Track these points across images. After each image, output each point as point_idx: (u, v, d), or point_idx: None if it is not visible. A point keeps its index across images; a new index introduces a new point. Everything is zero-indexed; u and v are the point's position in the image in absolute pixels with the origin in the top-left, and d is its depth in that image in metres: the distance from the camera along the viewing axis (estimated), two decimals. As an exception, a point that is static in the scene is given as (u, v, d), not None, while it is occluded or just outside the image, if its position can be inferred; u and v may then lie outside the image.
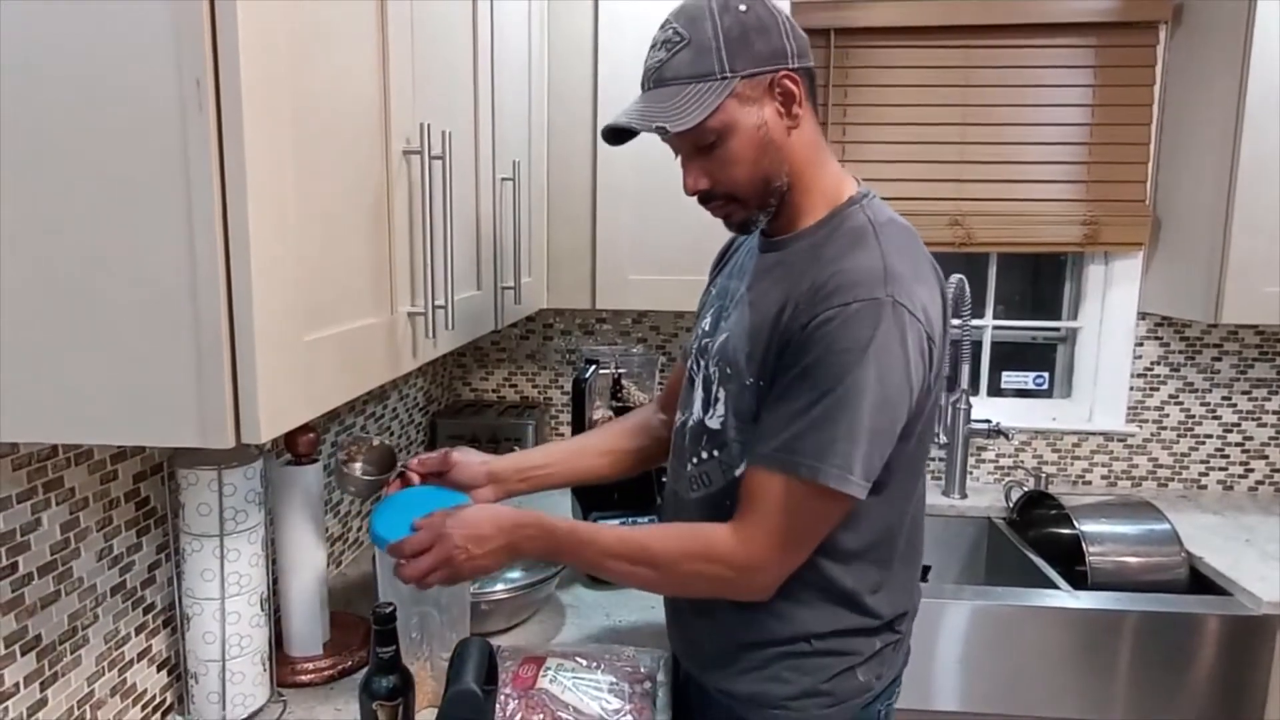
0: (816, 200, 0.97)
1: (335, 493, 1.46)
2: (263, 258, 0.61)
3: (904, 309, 0.85)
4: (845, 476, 0.86)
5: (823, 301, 0.87)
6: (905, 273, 0.88)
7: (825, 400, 0.85)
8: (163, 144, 0.58)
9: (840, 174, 0.99)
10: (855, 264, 0.89)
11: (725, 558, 0.91)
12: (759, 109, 0.91)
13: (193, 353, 0.60)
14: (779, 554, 0.90)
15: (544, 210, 1.72)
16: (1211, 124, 1.76)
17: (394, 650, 0.88)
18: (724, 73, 0.89)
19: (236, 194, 0.59)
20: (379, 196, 0.83)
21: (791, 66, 0.92)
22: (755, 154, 0.93)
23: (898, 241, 0.92)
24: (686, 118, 0.89)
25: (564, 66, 1.70)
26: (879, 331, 0.84)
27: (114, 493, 0.92)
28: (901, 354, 0.86)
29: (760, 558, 0.90)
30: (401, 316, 0.89)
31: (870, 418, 0.85)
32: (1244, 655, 1.51)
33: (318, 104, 0.70)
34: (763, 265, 1.00)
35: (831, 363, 0.85)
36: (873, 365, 0.84)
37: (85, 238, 0.59)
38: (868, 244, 0.91)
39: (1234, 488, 2.09)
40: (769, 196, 0.96)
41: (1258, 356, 2.03)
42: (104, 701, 0.91)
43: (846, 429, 0.85)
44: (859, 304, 0.85)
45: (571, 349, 2.14)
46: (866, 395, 0.85)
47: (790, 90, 0.92)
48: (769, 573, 0.92)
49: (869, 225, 0.93)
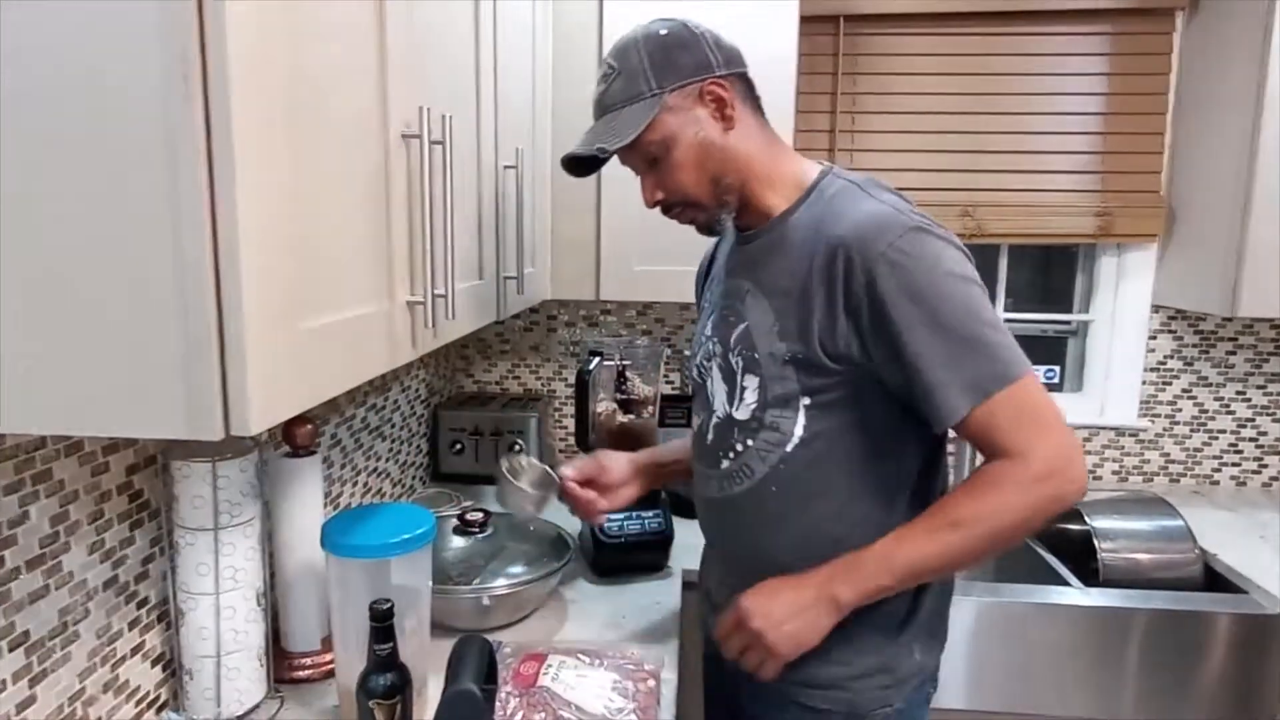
0: (782, 187, 1.02)
1: (335, 485, 1.44)
2: (253, 242, 0.58)
3: (936, 230, 0.91)
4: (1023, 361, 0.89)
5: (865, 252, 0.89)
6: (909, 208, 0.94)
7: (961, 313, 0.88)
8: (146, 124, 0.55)
9: (802, 161, 1.05)
10: (864, 211, 0.93)
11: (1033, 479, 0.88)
12: (692, 116, 0.98)
13: (180, 341, 0.58)
14: (1066, 434, 0.89)
15: (548, 199, 1.69)
16: (1229, 112, 1.73)
17: (391, 647, 0.86)
18: (652, 90, 0.96)
19: (224, 176, 0.56)
20: (376, 182, 0.81)
21: (719, 75, 0.98)
22: (698, 157, 0.99)
23: (882, 190, 0.97)
24: (623, 136, 0.96)
25: (568, 53, 1.67)
26: (940, 246, 0.90)
27: (105, 485, 0.90)
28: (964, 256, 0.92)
29: (1058, 447, 0.88)
30: (400, 305, 0.86)
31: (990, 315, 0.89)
32: (1258, 655, 1.48)
33: (311, 84, 0.67)
34: (752, 254, 1.03)
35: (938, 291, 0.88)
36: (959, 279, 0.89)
37: (68, 224, 0.57)
38: (860, 196, 0.96)
39: (1247, 484, 2.06)
40: (723, 194, 1.01)
41: (1273, 350, 2.00)
42: (96, 698, 0.89)
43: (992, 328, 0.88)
44: (901, 237, 0.89)
45: (576, 340, 2.12)
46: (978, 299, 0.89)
47: (720, 95, 0.97)
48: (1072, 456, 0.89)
49: (851, 184, 0.98)
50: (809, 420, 0.97)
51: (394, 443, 1.72)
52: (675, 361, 2.09)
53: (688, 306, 2.08)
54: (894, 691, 1.00)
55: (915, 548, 0.91)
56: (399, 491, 1.77)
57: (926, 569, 0.93)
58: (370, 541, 0.95)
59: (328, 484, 1.41)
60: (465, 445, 1.93)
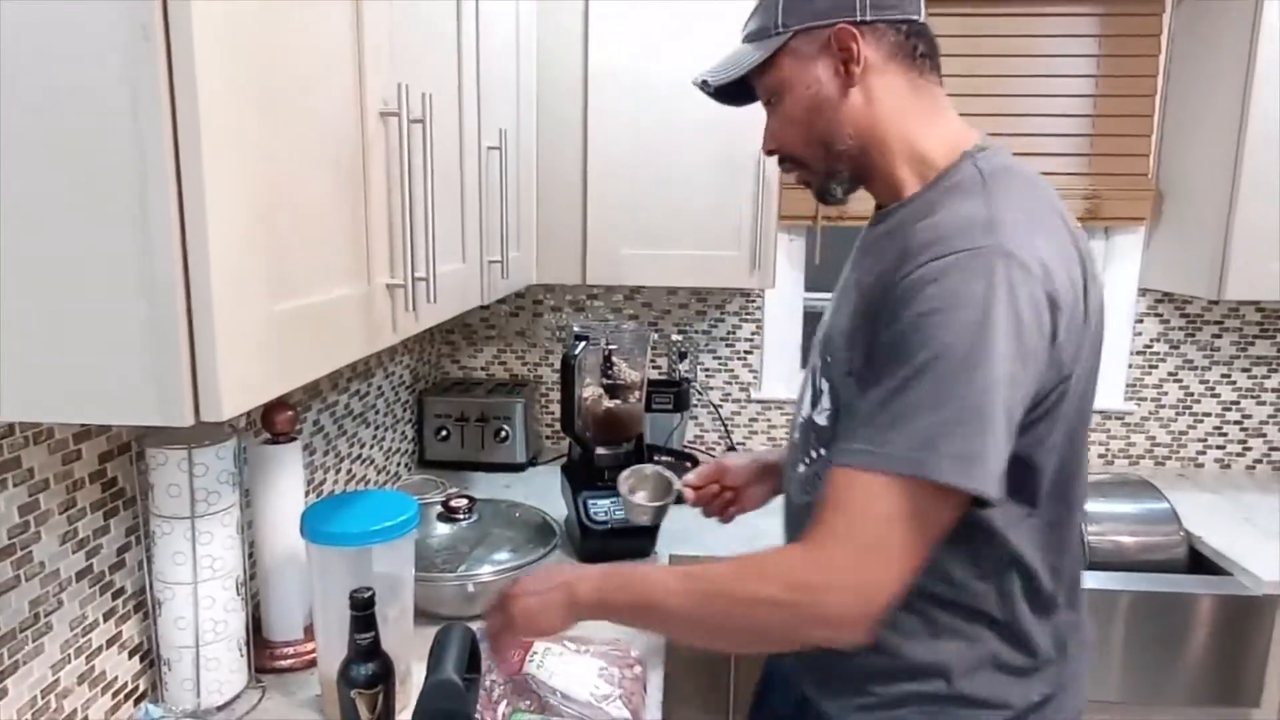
0: (914, 164, 0.86)
1: (317, 472, 1.42)
2: (221, 223, 0.56)
3: (1014, 259, 0.71)
4: (964, 469, 0.69)
5: (912, 258, 0.74)
6: (1016, 219, 0.74)
7: (925, 375, 0.70)
8: (108, 98, 0.53)
9: (954, 132, 0.87)
10: (952, 214, 0.77)
11: (790, 575, 0.75)
12: (813, 66, 0.86)
13: (146, 325, 0.55)
14: (871, 571, 0.72)
15: (533, 182, 1.67)
16: (1218, 95, 1.72)
17: (373, 636, 0.85)
18: (777, 28, 0.86)
19: (190, 151, 0.54)
20: (353, 161, 0.78)
21: (859, 19, 0.83)
22: (806, 115, 0.87)
23: (1011, 187, 0.79)
24: (729, 71, 0.89)
25: (553, 31, 1.64)
26: (983, 286, 0.70)
27: (78, 473, 0.87)
28: (1013, 315, 0.70)
29: (837, 576, 0.73)
30: (379, 288, 0.84)
31: (982, 395, 0.69)
32: (1242, 636, 1.49)
33: (284, 58, 0.65)
34: (869, 240, 0.91)
35: (926, 327, 0.70)
36: (977, 330, 0.69)
37: (26, 205, 0.54)
38: (971, 194, 0.79)
39: (1231, 466, 2.07)
40: (835, 161, 0.88)
41: (1259, 334, 2.00)
42: (70, 690, 0.87)
43: (956, 408, 0.69)
44: (955, 255, 0.72)
45: (562, 325, 2.10)
46: (978, 366, 0.69)
47: (849, 45, 0.83)
48: (857, 595, 0.72)
49: (977, 175, 0.81)
50: None
51: (378, 429, 1.70)
52: (662, 346, 2.07)
53: (676, 291, 2.07)
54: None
55: (660, 586, 0.81)
56: (384, 478, 1.75)
57: (662, 613, 0.82)
58: (351, 529, 0.94)
59: (310, 471, 1.39)
60: (451, 431, 1.92)
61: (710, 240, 1.69)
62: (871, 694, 0.86)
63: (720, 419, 2.11)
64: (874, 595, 0.72)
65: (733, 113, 1.56)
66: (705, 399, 2.10)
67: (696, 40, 1.60)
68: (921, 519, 0.71)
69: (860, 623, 0.73)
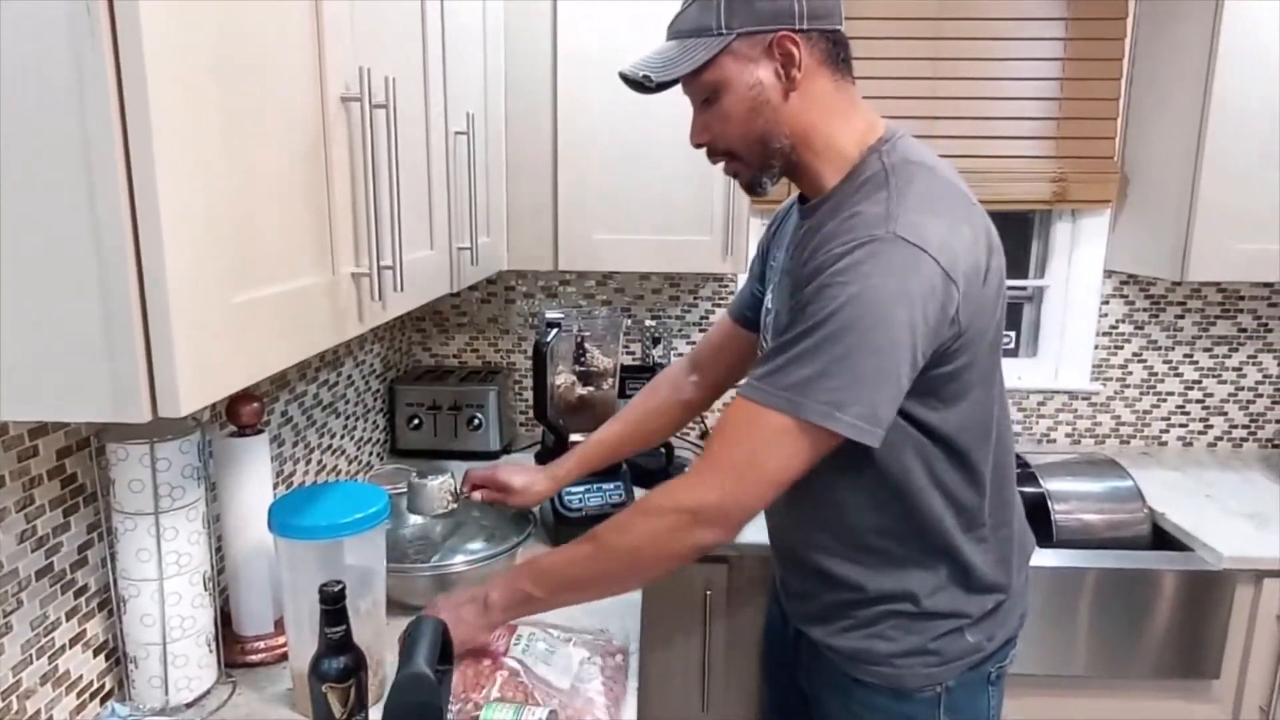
0: (834, 160, 0.95)
1: (287, 464, 1.40)
2: (175, 212, 0.55)
3: (906, 243, 0.82)
4: (831, 414, 0.82)
5: (824, 248, 0.86)
6: (912, 210, 0.85)
7: (814, 334, 0.82)
8: (50, 80, 0.51)
9: (866, 126, 0.95)
10: (861, 210, 0.87)
11: (669, 501, 0.89)
12: (755, 69, 0.91)
13: (99, 318, 0.54)
14: (740, 486, 0.86)
15: (502, 167, 1.65)
16: (1181, 81, 1.74)
17: (344, 630, 0.84)
18: (719, 29, 0.90)
19: (140, 137, 0.52)
20: (315, 147, 0.76)
21: (798, 28, 0.90)
22: (747, 113, 0.93)
23: (913, 181, 0.89)
24: (672, 70, 0.92)
25: (522, 13, 1.62)
26: (873, 267, 0.81)
27: (34, 470, 0.85)
28: (903, 292, 0.81)
29: (705, 490, 0.87)
30: (345, 277, 0.82)
31: (865, 357, 0.81)
32: (1203, 610, 1.53)
33: (239, 40, 0.63)
34: (799, 233, 0.99)
35: (822, 297, 0.82)
36: (869, 304, 0.81)
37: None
38: (876, 190, 0.88)
39: (1193, 444, 2.12)
40: (769, 158, 0.95)
41: (1220, 314, 2.04)
42: (33, 691, 0.86)
43: (837, 365, 0.81)
44: (856, 243, 0.83)
45: (534, 312, 2.08)
46: (859, 333, 0.81)
47: (790, 52, 0.90)
48: (724, 501, 0.87)
49: (881, 170, 0.90)
50: None
51: (349, 419, 1.68)
52: (635, 332, 2.07)
53: (648, 276, 2.06)
54: (943, 670, 0.98)
55: (556, 559, 0.96)
56: (355, 469, 1.73)
57: (567, 581, 0.96)
58: (320, 522, 0.92)
59: (279, 463, 1.37)
60: (423, 420, 1.90)
61: (682, 225, 1.69)
62: (851, 617, 1.00)
63: (694, 404, 2.11)
64: (734, 511, 0.87)
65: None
66: (679, 384, 2.10)
67: (667, 21, 1.59)
68: (788, 449, 0.84)
69: (721, 528, 0.87)
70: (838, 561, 1.00)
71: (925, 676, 0.98)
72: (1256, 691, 1.56)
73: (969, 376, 0.91)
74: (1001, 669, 1.04)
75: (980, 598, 0.99)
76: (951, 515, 0.96)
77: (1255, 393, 2.08)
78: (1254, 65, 1.62)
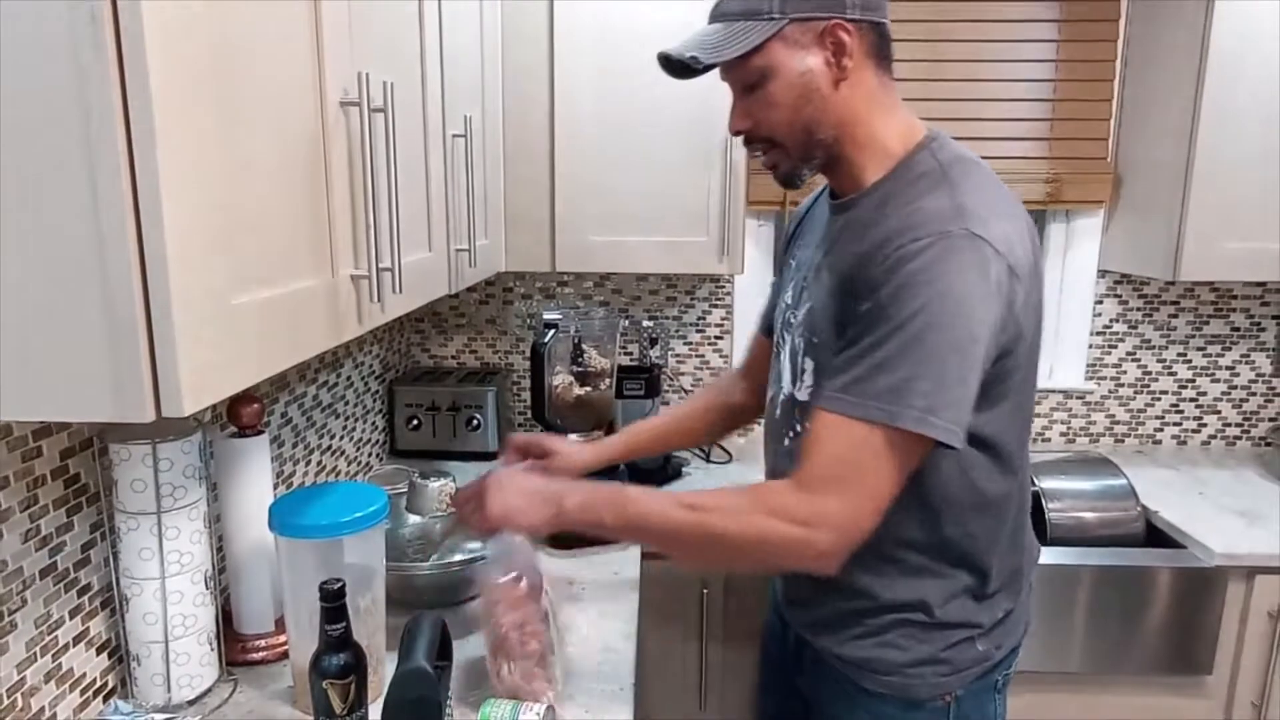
0: (877, 155, 0.93)
1: (287, 465, 1.41)
2: (178, 216, 0.56)
3: (980, 240, 0.81)
4: (926, 419, 0.80)
5: (892, 244, 0.83)
6: (978, 206, 0.84)
7: (897, 336, 0.80)
8: (56, 89, 0.52)
9: (907, 125, 0.95)
10: (924, 204, 0.85)
11: (787, 510, 0.84)
12: (805, 56, 0.89)
13: (103, 320, 0.55)
14: (848, 507, 0.83)
15: (500, 169, 1.66)
16: (1173, 81, 1.75)
17: (344, 627, 0.85)
18: (772, 13, 0.88)
19: (144, 143, 0.53)
20: (314, 152, 0.78)
21: (849, 17, 0.89)
22: (796, 101, 0.91)
23: (970, 177, 0.88)
24: (723, 52, 0.89)
25: (518, 15, 1.63)
26: (950, 266, 0.80)
27: (38, 470, 0.86)
28: (981, 289, 0.81)
29: (826, 510, 0.83)
30: (344, 279, 0.84)
31: (950, 356, 0.80)
32: (1196, 606, 1.54)
33: (239, 47, 0.64)
34: (834, 228, 0.97)
35: (903, 298, 0.80)
36: (949, 301, 0.80)
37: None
38: (938, 185, 0.87)
39: (1188, 442, 2.13)
40: (812, 148, 0.94)
41: (1213, 313, 2.06)
42: (38, 688, 0.87)
43: (924, 368, 0.80)
44: (929, 238, 0.81)
45: (532, 313, 2.09)
46: (943, 331, 0.80)
47: (842, 41, 0.89)
48: (838, 528, 0.83)
49: (938, 166, 0.89)
50: None
51: (348, 420, 1.69)
52: (631, 333, 2.08)
53: (646, 277, 2.07)
54: (954, 679, 0.97)
55: (647, 507, 0.91)
56: (355, 469, 1.74)
57: (647, 531, 0.92)
58: (320, 521, 0.94)
59: (279, 463, 1.38)
60: (422, 421, 1.91)
61: (679, 226, 1.70)
62: (861, 626, 0.99)
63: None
64: (853, 530, 0.84)
65: (700, 99, 1.57)
66: (677, 384, 2.12)
67: (663, 24, 1.60)
68: (892, 462, 0.82)
69: (840, 554, 0.85)
70: (851, 570, 0.94)
71: (936, 686, 0.97)
72: (1249, 687, 1.57)
73: (1016, 377, 0.89)
74: (1007, 676, 1.03)
75: (992, 608, 0.98)
76: (980, 523, 0.94)
77: (1248, 391, 2.09)
78: (1244, 66, 1.63)
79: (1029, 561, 1.04)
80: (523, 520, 0.96)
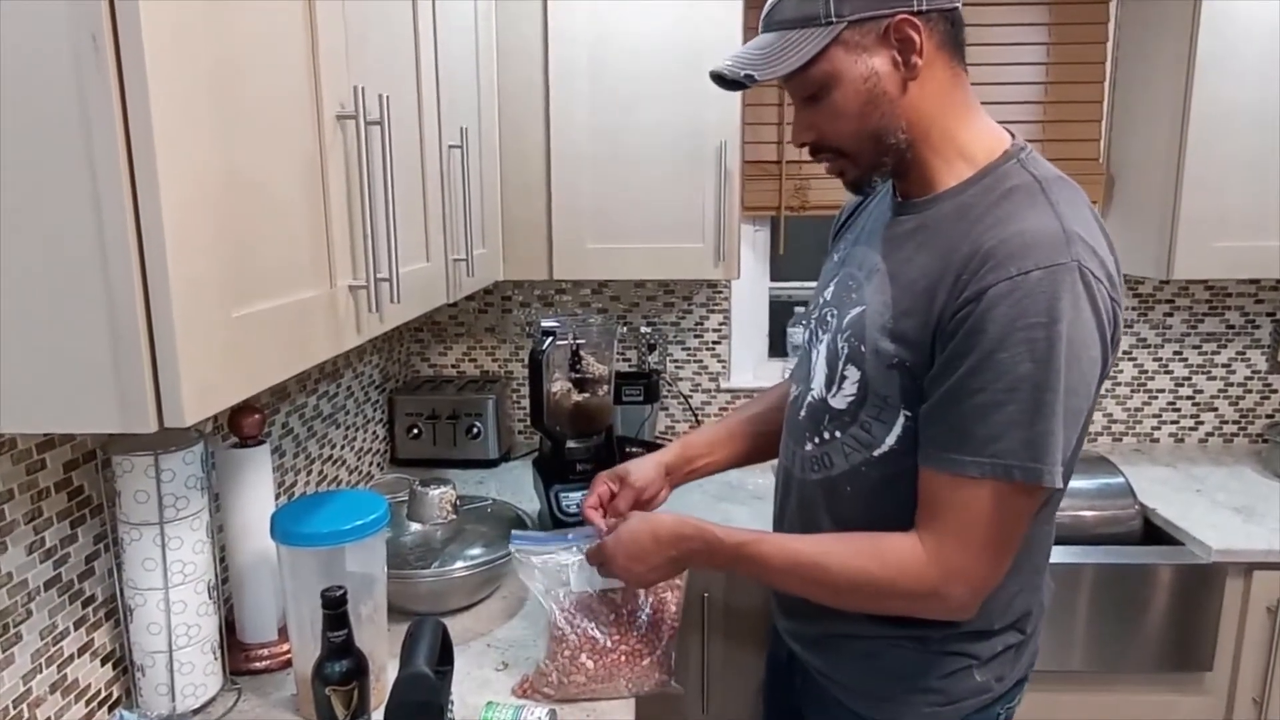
0: (954, 158, 0.87)
1: (288, 474, 1.42)
2: (178, 229, 0.57)
3: (1090, 274, 0.77)
4: (1054, 471, 0.77)
5: (995, 270, 0.77)
6: (1084, 234, 0.79)
7: (1023, 389, 0.76)
8: (57, 105, 0.53)
9: (990, 128, 0.89)
10: (1028, 225, 0.79)
11: (918, 576, 0.82)
12: (869, 58, 0.83)
13: (106, 333, 0.56)
14: (986, 566, 0.82)
15: (496, 178, 1.67)
16: (1163, 81, 1.77)
17: (346, 634, 0.86)
18: (828, 17, 0.82)
19: (144, 158, 0.54)
20: (312, 164, 0.79)
21: (916, 9, 0.82)
22: (862, 107, 0.85)
23: (1070, 199, 0.82)
24: (777, 66, 0.84)
25: (513, 26, 1.65)
26: (1067, 303, 0.75)
27: (43, 483, 0.87)
28: (1095, 325, 0.77)
29: (963, 572, 0.81)
30: (342, 290, 0.85)
31: (1067, 400, 0.77)
32: (1195, 603, 1.55)
33: (237, 62, 0.65)
34: (898, 230, 0.90)
35: (1020, 342, 0.75)
36: (1066, 343, 0.75)
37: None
38: (1038, 203, 0.81)
39: (1185, 440, 2.14)
40: (882, 155, 0.87)
41: (1207, 311, 2.07)
42: (43, 699, 0.88)
43: (1052, 419, 0.76)
44: (1040, 271, 0.76)
45: (531, 321, 2.11)
46: (1063, 376, 0.76)
47: (909, 38, 0.82)
48: (973, 588, 0.82)
49: (1035, 182, 0.83)
50: (904, 434, 0.86)
51: (349, 430, 1.70)
52: (629, 339, 2.09)
53: (643, 283, 2.08)
54: (949, 710, 0.93)
55: (765, 564, 0.91)
56: (356, 478, 1.75)
57: (765, 582, 0.96)
58: (321, 529, 0.95)
59: (280, 473, 1.39)
60: (422, 429, 1.92)
61: (674, 233, 1.71)
62: (853, 649, 0.96)
63: (691, 409, 2.14)
64: (985, 587, 0.83)
65: (694, 108, 1.58)
66: (675, 390, 2.13)
67: (656, 35, 1.62)
68: (1017, 516, 0.81)
69: (971, 608, 0.84)
70: None
71: (929, 716, 0.92)
72: (1249, 682, 1.58)
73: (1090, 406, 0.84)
74: (1011, 710, 0.97)
75: (991, 641, 0.92)
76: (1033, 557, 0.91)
77: (1245, 388, 2.10)
78: (1232, 66, 1.65)
79: (1039, 604, 0.98)
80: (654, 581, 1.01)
